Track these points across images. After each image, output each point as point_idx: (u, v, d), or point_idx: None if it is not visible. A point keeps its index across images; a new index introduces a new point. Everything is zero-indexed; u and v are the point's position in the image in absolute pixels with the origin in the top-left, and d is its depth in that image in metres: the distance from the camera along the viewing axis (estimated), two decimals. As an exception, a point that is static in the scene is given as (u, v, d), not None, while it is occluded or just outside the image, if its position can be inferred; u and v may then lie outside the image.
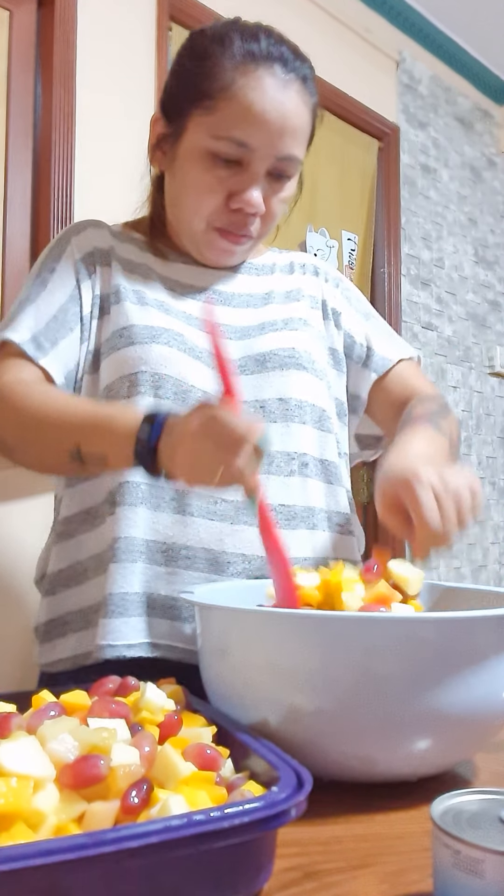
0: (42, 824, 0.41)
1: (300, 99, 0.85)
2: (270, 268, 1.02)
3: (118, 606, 0.81)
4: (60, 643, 0.88)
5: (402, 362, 1.01)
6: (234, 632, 0.63)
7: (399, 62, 2.81)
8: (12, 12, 1.67)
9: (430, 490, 0.67)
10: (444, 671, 0.56)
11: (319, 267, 1.05)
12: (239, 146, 0.83)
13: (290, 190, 0.91)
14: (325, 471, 0.93)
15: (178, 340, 0.87)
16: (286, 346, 0.91)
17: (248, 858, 0.43)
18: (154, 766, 0.48)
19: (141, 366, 0.85)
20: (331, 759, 0.59)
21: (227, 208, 0.87)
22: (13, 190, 1.65)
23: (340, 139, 2.53)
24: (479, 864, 0.37)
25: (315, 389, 0.93)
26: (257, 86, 0.82)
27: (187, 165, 0.87)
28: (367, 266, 2.68)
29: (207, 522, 0.83)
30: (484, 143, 3.30)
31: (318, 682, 0.57)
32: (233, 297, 0.96)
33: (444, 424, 0.87)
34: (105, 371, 0.88)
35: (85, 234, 0.94)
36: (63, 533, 0.90)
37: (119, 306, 0.89)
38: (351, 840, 0.52)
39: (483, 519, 3.16)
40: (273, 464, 0.88)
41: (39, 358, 0.85)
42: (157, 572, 0.83)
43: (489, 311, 3.28)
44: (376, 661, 0.56)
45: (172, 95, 0.89)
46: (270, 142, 0.83)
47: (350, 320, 1.02)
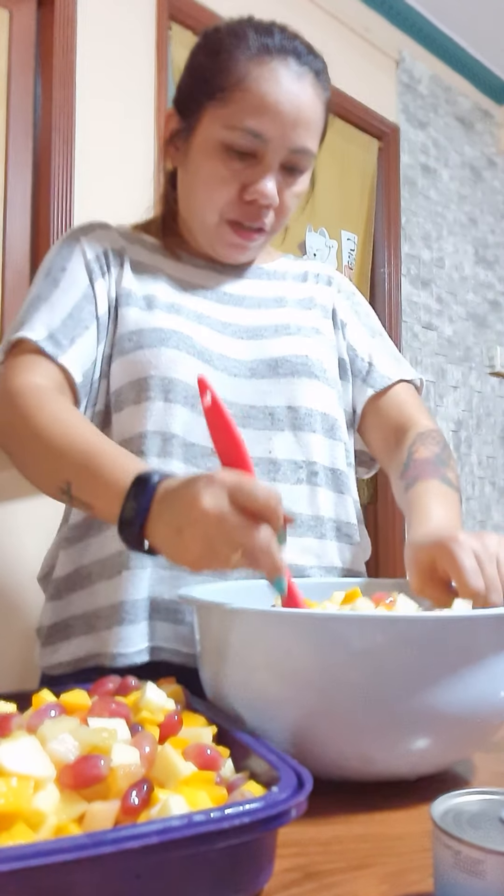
0: (42, 824, 0.41)
1: (314, 92, 0.85)
2: (283, 274, 1.01)
3: (129, 614, 0.81)
4: (63, 647, 0.88)
5: (401, 383, 0.99)
6: (233, 632, 0.62)
7: (399, 62, 2.81)
8: (12, 12, 1.68)
9: (471, 553, 0.67)
10: (444, 670, 0.56)
11: (333, 277, 1.05)
12: (254, 137, 0.83)
13: (303, 185, 0.91)
14: (334, 480, 0.92)
15: (187, 343, 0.87)
16: (300, 354, 0.91)
17: (249, 859, 0.43)
18: (154, 767, 0.48)
19: (151, 370, 0.84)
20: (330, 759, 0.59)
21: (240, 200, 0.87)
22: (13, 190, 1.65)
23: (340, 139, 2.53)
24: (479, 865, 0.37)
25: (326, 398, 0.92)
26: (272, 77, 0.82)
27: (201, 158, 0.87)
28: (366, 266, 2.68)
29: None
30: (484, 142, 3.30)
31: (317, 681, 0.57)
32: (244, 299, 0.96)
33: (451, 475, 0.87)
34: (114, 375, 0.87)
35: (95, 235, 0.93)
36: (72, 538, 0.90)
37: (128, 309, 0.88)
38: (351, 840, 0.52)
39: (483, 519, 3.16)
40: (280, 471, 0.87)
41: (58, 356, 0.83)
42: (162, 576, 0.83)
43: (489, 310, 3.28)
44: (376, 660, 0.56)
45: (186, 91, 0.89)
46: (284, 133, 0.83)
47: (355, 333, 1.01)
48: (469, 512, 3.08)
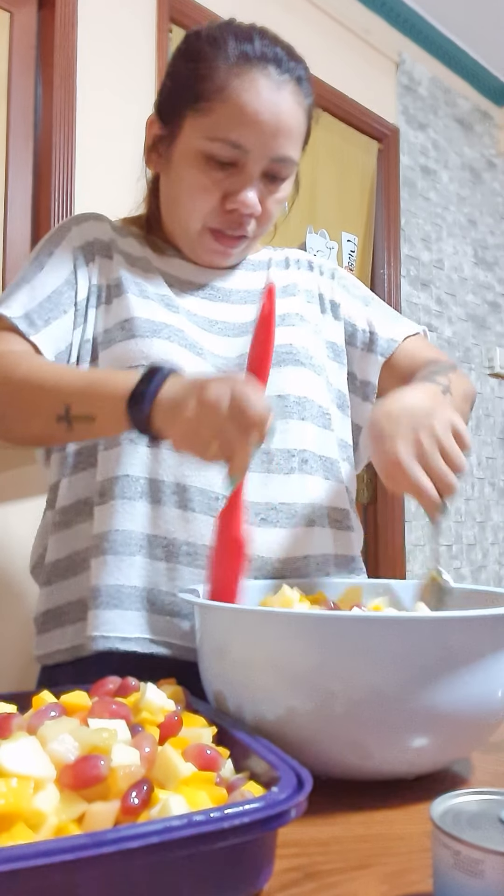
0: (42, 825, 0.41)
1: (294, 100, 0.85)
2: (266, 263, 1.02)
3: (113, 598, 0.81)
4: (58, 633, 0.88)
5: (408, 339, 1.01)
6: (234, 632, 0.63)
7: (399, 64, 2.81)
8: (13, 14, 1.68)
9: (415, 464, 0.69)
10: (443, 670, 0.56)
11: (313, 261, 1.06)
12: (233, 148, 0.84)
13: (285, 191, 0.91)
14: (325, 467, 0.93)
15: (179, 336, 0.87)
16: (283, 343, 0.91)
17: (248, 859, 0.43)
18: (154, 767, 0.48)
19: (142, 360, 0.85)
20: (330, 758, 0.59)
21: (222, 209, 0.87)
22: (14, 191, 1.65)
23: (340, 140, 2.54)
24: (479, 865, 0.37)
25: (313, 385, 0.93)
26: (251, 87, 0.82)
27: (182, 167, 0.87)
28: (366, 267, 2.68)
29: (209, 518, 0.83)
30: (483, 144, 3.30)
31: (317, 681, 0.57)
32: (231, 294, 0.96)
33: (442, 378, 0.85)
34: (104, 363, 0.88)
35: (87, 225, 0.95)
36: (60, 523, 0.90)
37: (121, 298, 0.89)
38: (351, 840, 0.52)
39: (483, 519, 3.16)
40: (273, 461, 0.88)
41: (31, 334, 0.85)
42: (158, 568, 0.83)
43: (489, 312, 3.28)
44: (375, 660, 0.56)
45: (168, 97, 0.90)
46: (264, 143, 0.84)
47: (350, 308, 1.02)
48: (469, 512, 3.08)
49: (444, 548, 2.96)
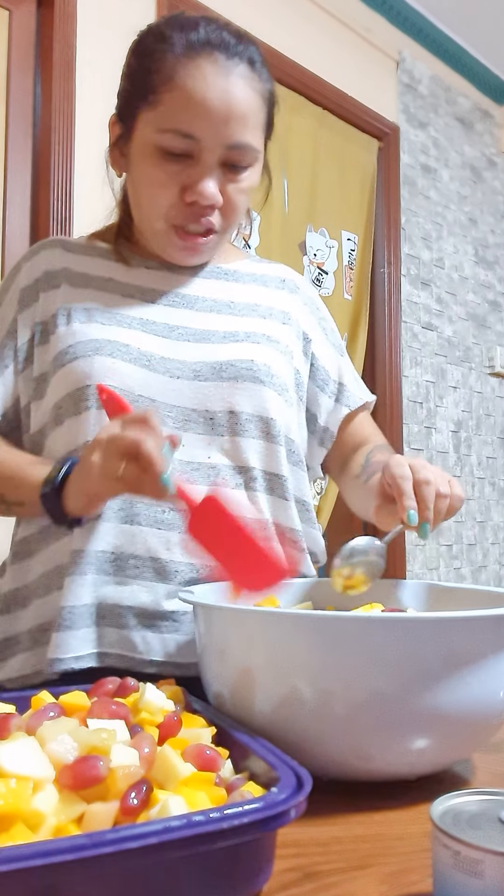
0: (41, 825, 0.41)
1: (246, 84, 0.83)
2: (240, 275, 0.99)
3: (67, 620, 0.81)
4: (10, 662, 0.87)
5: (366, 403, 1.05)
6: (234, 632, 0.63)
7: (399, 62, 2.81)
8: (12, 12, 1.68)
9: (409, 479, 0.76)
10: (444, 671, 0.56)
11: (300, 286, 1.03)
12: (184, 138, 0.82)
13: (250, 180, 0.88)
14: (272, 484, 0.90)
15: (122, 351, 0.86)
16: (245, 358, 0.89)
17: (248, 859, 0.43)
18: (153, 767, 0.48)
19: (86, 380, 0.84)
20: (330, 759, 0.59)
21: (182, 203, 0.85)
22: (12, 190, 1.65)
23: (340, 139, 2.53)
24: (478, 865, 0.37)
25: (270, 402, 0.90)
26: (197, 74, 0.80)
27: (139, 163, 0.86)
28: (366, 266, 2.68)
29: (155, 531, 0.83)
30: (484, 143, 3.30)
31: (317, 681, 0.57)
32: (196, 300, 0.94)
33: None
34: (52, 390, 0.87)
35: (37, 259, 0.95)
36: (18, 553, 0.90)
37: (66, 327, 0.88)
38: (350, 840, 0.52)
39: (483, 519, 3.16)
40: (220, 476, 0.86)
41: None
42: (106, 581, 0.82)
43: (489, 311, 3.28)
44: (375, 660, 0.56)
45: (122, 95, 0.89)
46: (216, 131, 0.81)
47: (323, 350, 1.01)
48: (469, 512, 3.08)
49: (445, 547, 2.96)
